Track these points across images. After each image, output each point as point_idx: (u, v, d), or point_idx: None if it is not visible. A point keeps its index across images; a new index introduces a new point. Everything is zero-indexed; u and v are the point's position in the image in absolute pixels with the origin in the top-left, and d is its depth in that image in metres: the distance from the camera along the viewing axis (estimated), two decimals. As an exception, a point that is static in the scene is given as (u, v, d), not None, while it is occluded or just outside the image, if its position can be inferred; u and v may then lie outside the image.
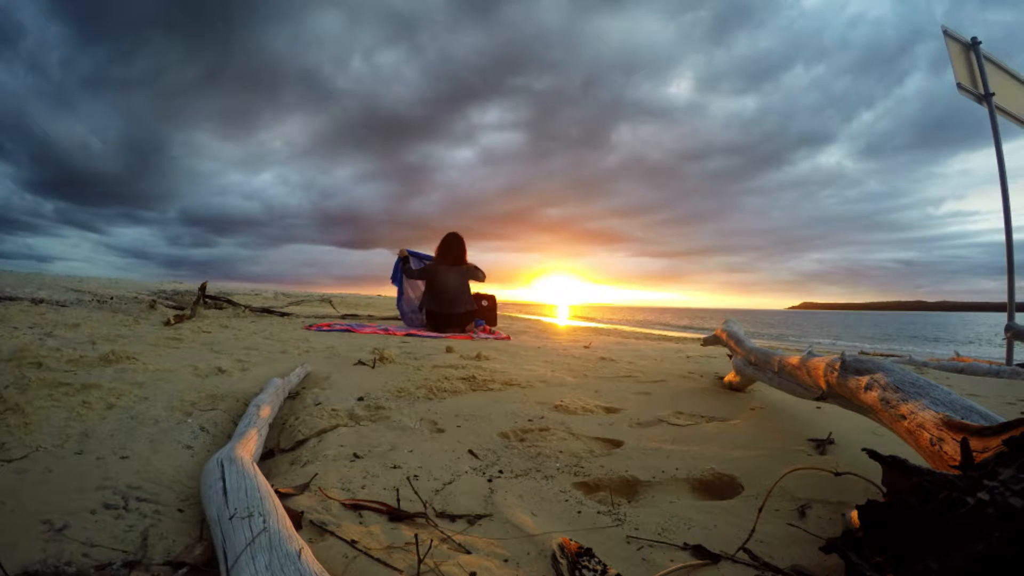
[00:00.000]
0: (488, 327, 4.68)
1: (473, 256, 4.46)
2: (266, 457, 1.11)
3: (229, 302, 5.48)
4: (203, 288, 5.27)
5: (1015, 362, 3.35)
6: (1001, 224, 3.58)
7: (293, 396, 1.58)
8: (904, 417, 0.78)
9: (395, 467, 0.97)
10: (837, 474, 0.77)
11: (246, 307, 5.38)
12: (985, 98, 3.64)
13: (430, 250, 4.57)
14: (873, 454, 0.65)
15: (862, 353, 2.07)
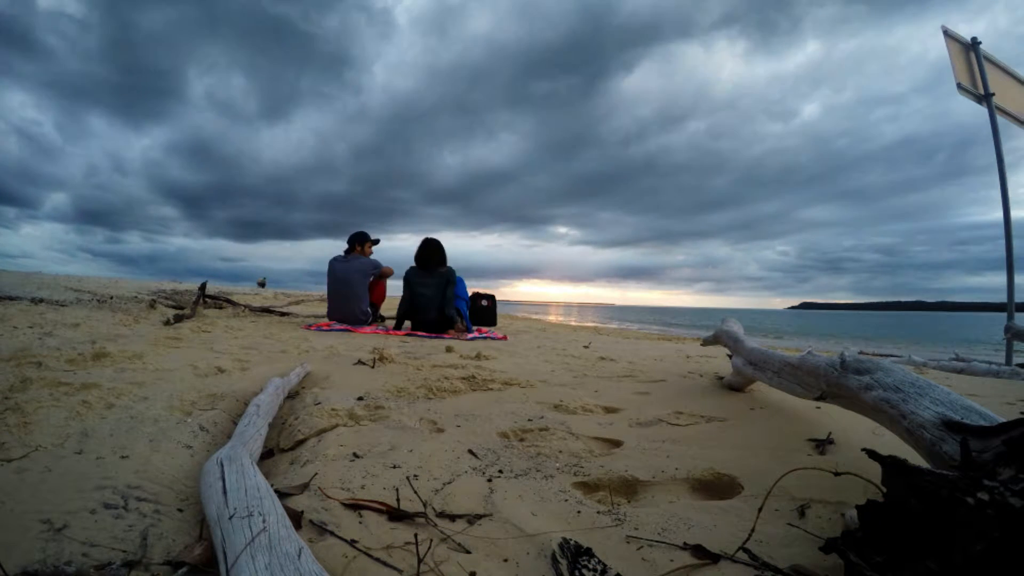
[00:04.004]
0: (484, 328, 4.70)
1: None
2: (266, 457, 1.11)
3: (229, 302, 5.48)
4: (203, 288, 5.27)
5: (1015, 362, 3.36)
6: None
7: (293, 396, 1.58)
8: (904, 417, 0.78)
9: (395, 467, 0.97)
10: (837, 474, 0.77)
11: (246, 307, 5.38)
12: (985, 98, 3.64)
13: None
14: (873, 454, 0.65)
15: (862, 353, 2.07)
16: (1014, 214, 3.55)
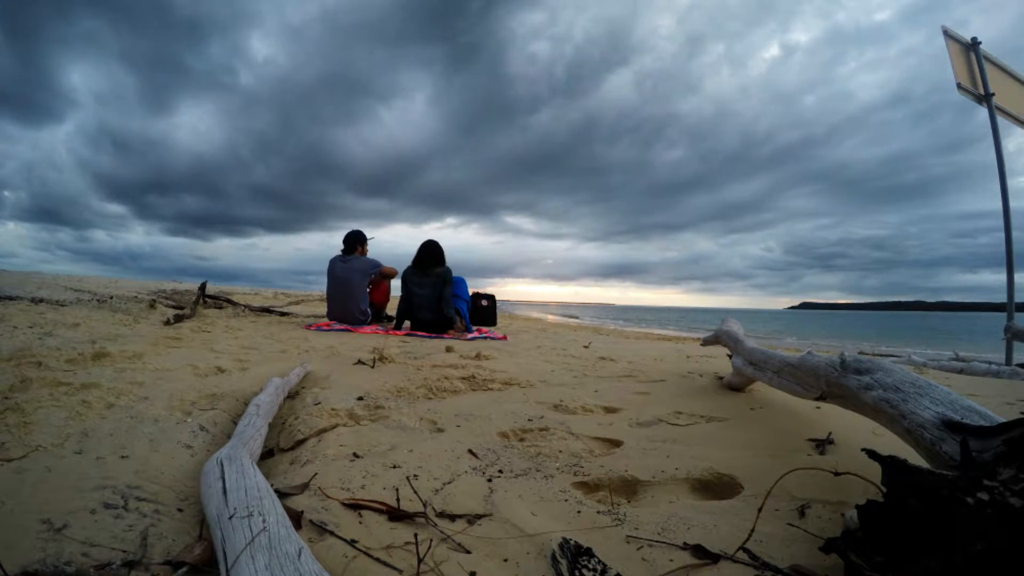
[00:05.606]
0: (484, 328, 4.70)
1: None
2: (266, 457, 1.11)
3: (229, 302, 5.48)
4: (203, 287, 5.27)
5: (1015, 362, 3.36)
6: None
7: (293, 396, 1.58)
8: (904, 417, 0.78)
9: (395, 467, 0.97)
10: (837, 474, 0.77)
11: (246, 307, 5.38)
12: (985, 98, 3.64)
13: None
14: (872, 454, 0.65)
15: (862, 353, 2.07)
16: (1015, 204, 3.54)
